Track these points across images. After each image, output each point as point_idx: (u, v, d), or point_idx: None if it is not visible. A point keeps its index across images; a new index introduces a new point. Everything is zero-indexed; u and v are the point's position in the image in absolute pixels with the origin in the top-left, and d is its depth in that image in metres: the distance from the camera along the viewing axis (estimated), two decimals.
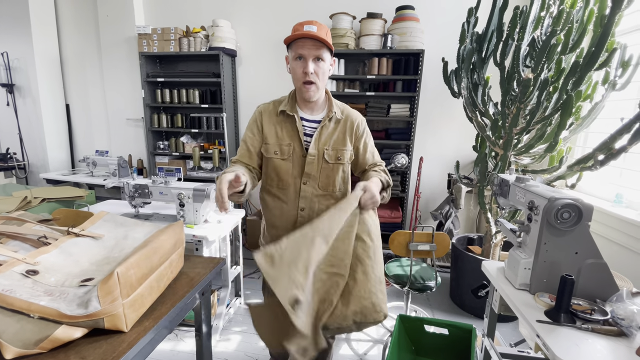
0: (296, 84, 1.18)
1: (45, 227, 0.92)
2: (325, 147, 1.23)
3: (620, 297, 0.98)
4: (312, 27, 1.09)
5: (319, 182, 1.25)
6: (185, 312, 0.92)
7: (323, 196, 1.26)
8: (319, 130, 1.23)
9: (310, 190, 1.24)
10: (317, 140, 1.23)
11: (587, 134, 2.52)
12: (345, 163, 1.27)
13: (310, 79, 1.14)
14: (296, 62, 1.14)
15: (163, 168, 2.07)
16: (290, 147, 1.23)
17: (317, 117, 1.26)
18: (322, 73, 1.16)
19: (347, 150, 1.26)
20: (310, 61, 1.12)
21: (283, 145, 1.23)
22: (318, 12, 3.24)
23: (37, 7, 3.53)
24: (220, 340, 2.08)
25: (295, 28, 1.12)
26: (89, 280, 0.76)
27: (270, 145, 1.24)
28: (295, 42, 1.12)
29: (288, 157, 1.23)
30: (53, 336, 0.62)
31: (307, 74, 1.13)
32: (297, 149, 1.23)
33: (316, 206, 1.26)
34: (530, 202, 1.13)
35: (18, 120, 3.75)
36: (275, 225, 1.31)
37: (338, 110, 1.27)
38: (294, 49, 1.13)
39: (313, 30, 1.09)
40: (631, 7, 1.63)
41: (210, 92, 3.45)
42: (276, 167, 1.25)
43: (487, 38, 2.12)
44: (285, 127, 1.24)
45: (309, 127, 1.25)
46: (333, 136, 1.25)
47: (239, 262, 2.40)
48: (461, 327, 1.46)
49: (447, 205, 3.06)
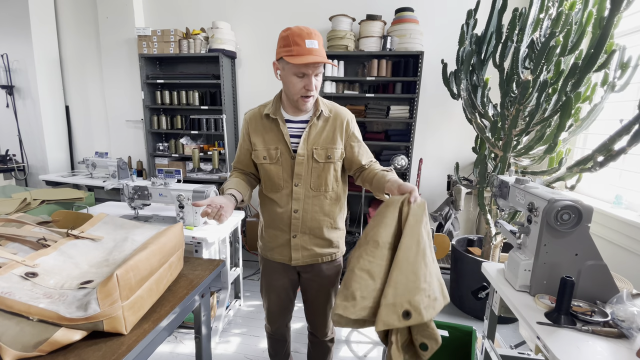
0: (293, 96, 1.16)
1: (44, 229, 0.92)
2: (314, 147, 1.22)
3: (621, 299, 0.98)
4: (314, 44, 1.07)
5: (311, 183, 1.24)
6: (184, 315, 0.92)
7: (316, 197, 1.25)
8: (307, 130, 1.22)
9: (303, 192, 1.24)
10: (306, 140, 1.21)
11: (586, 135, 2.52)
12: (335, 161, 1.25)
13: (312, 94, 1.15)
14: (297, 79, 1.12)
15: (163, 170, 2.07)
16: (278, 151, 1.23)
17: (304, 117, 1.25)
18: (319, 84, 1.17)
19: (337, 149, 1.24)
20: (312, 78, 1.12)
21: (270, 150, 1.23)
22: (317, 14, 3.25)
23: (37, 9, 3.53)
24: (219, 343, 2.07)
25: (295, 41, 1.07)
26: (88, 282, 0.76)
27: (259, 151, 1.24)
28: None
29: (276, 160, 1.23)
30: (52, 339, 0.62)
31: (310, 90, 1.14)
32: (284, 152, 1.23)
33: (310, 207, 1.25)
34: (530, 203, 1.13)
35: (18, 122, 3.75)
36: (272, 227, 1.31)
37: (325, 108, 1.25)
38: (296, 66, 1.09)
39: (315, 47, 1.07)
40: (630, 8, 1.63)
41: (210, 94, 3.45)
42: (267, 171, 1.25)
43: (486, 40, 2.12)
44: (270, 130, 1.24)
45: (295, 127, 1.24)
46: (322, 135, 1.23)
47: (238, 264, 2.40)
48: (461, 329, 1.46)
49: (446, 206, 3.06)
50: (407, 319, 0.91)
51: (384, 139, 3.20)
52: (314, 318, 1.43)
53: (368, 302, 0.94)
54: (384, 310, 0.91)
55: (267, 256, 1.36)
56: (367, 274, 0.96)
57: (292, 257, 1.28)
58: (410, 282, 0.93)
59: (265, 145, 1.24)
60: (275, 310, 1.43)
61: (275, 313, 1.44)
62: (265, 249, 1.36)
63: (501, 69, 2.04)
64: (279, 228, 1.28)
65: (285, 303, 1.42)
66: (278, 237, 1.29)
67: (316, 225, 1.27)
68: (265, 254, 1.36)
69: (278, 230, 1.29)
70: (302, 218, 1.25)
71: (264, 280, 1.42)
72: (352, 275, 0.96)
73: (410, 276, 0.93)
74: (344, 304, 0.95)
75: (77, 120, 4.02)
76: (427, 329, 0.97)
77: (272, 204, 1.28)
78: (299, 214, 1.25)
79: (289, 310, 1.47)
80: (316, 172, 1.23)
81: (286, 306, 1.43)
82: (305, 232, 1.27)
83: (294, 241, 1.27)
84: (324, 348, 1.49)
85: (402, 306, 0.91)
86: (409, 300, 0.92)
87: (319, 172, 1.23)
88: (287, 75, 1.13)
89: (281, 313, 1.44)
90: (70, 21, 3.78)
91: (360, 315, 0.94)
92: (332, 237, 1.31)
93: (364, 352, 2.04)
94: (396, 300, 0.92)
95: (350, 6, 3.19)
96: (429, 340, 0.97)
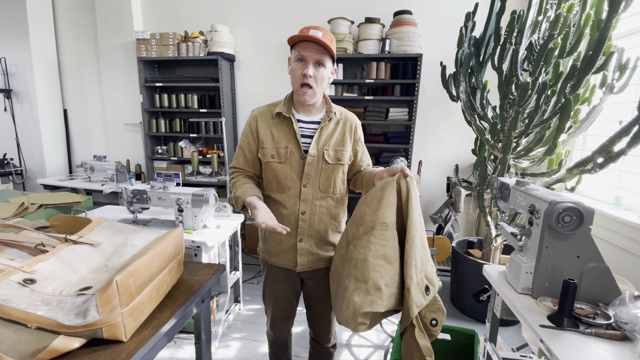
0: (294, 85, 1.18)
1: (42, 235, 0.91)
2: (325, 148, 1.22)
3: (623, 301, 0.98)
4: (318, 33, 1.10)
5: (320, 184, 1.23)
6: (184, 320, 0.91)
7: (323, 198, 1.24)
8: (319, 131, 1.22)
9: (311, 193, 1.23)
10: (317, 140, 1.21)
11: (585, 137, 2.52)
12: (345, 164, 1.26)
13: (308, 82, 1.13)
14: (297, 64, 1.14)
15: (161, 173, 2.06)
16: (288, 150, 1.21)
17: (315, 118, 1.25)
18: (321, 79, 1.15)
19: (346, 151, 1.25)
20: (310, 64, 1.12)
21: (280, 148, 1.22)
22: (316, 17, 3.25)
23: (35, 13, 3.53)
24: (219, 347, 2.06)
25: (302, 31, 1.12)
26: (87, 288, 0.75)
27: (267, 149, 1.23)
28: (299, 44, 1.12)
29: (286, 159, 1.22)
30: (51, 347, 0.61)
31: (306, 77, 1.12)
32: (294, 151, 1.21)
33: (317, 209, 1.24)
34: (531, 205, 1.12)
35: (15, 126, 3.74)
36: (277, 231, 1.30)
37: (337, 111, 1.27)
38: (297, 50, 1.13)
39: (318, 35, 1.09)
40: (628, 10, 1.64)
41: (208, 97, 3.45)
42: (274, 170, 1.23)
43: (485, 42, 2.13)
44: (281, 129, 1.23)
45: (307, 128, 1.24)
46: (333, 137, 1.24)
47: (238, 268, 2.38)
48: (463, 332, 1.45)
49: (446, 208, 3.05)
50: (427, 294, 0.88)
51: (383, 141, 3.20)
52: (318, 324, 1.42)
53: (392, 288, 0.89)
54: (413, 291, 0.87)
55: (272, 262, 1.33)
56: (384, 260, 0.91)
57: (297, 262, 1.26)
58: (423, 256, 0.91)
59: (274, 144, 1.22)
60: (279, 317, 1.41)
61: (278, 320, 1.42)
62: (269, 254, 1.33)
63: (500, 71, 2.04)
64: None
65: (288, 311, 1.40)
66: (283, 242, 1.26)
67: (322, 228, 1.26)
68: (270, 259, 1.33)
69: (284, 234, 1.27)
70: (310, 220, 1.24)
71: (267, 287, 1.40)
72: (367, 265, 0.90)
73: (422, 250, 0.91)
74: (368, 298, 0.88)
75: (75, 124, 4.01)
76: (436, 302, 0.94)
77: (277, 205, 1.25)
78: (306, 215, 1.23)
79: (292, 317, 1.45)
80: (325, 173, 1.23)
81: (289, 313, 1.42)
82: (312, 235, 1.25)
83: (300, 245, 1.25)
84: (326, 354, 1.47)
85: (423, 282, 0.89)
86: (425, 275, 0.89)
87: (328, 174, 1.23)
88: (292, 63, 1.17)
89: (284, 320, 1.43)
90: (68, 25, 3.78)
91: (389, 306, 0.89)
92: (336, 241, 1.30)
93: (365, 356, 2.03)
94: (418, 278, 0.89)
95: (349, 9, 3.20)
96: (437, 314, 0.94)
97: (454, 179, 2.61)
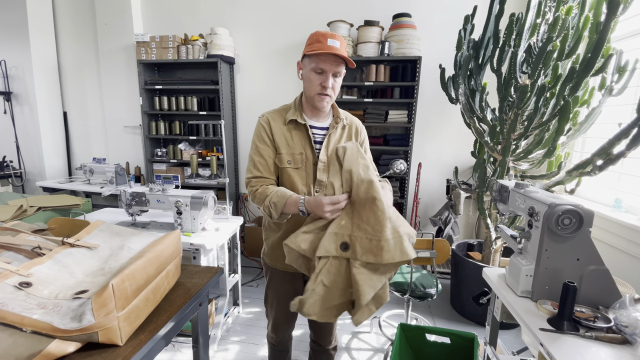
0: (310, 93, 1.19)
1: (39, 238, 0.91)
2: None
3: (623, 304, 0.97)
4: (336, 43, 1.11)
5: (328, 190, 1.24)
6: (182, 324, 0.90)
7: None
8: (328, 137, 1.24)
9: None
10: (327, 147, 1.24)
11: (584, 139, 2.52)
12: None
13: (328, 92, 1.16)
14: (315, 75, 1.15)
15: (161, 175, 2.06)
16: (303, 156, 1.22)
17: (324, 124, 1.27)
18: (337, 87, 1.19)
19: None
20: (330, 76, 1.14)
21: (295, 154, 1.23)
22: (316, 19, 3.26)
23: (36, 15, 3.54)
24: (218, 351, 2.05)
25: (318, 39, 1.12)
26: (83, 292, 0.74)
27: (283, 155, 1.23)
28: (317, 55, 1.13)
29: (301, 165, 1.23)
30: (46, 351, 0.61)
31: (326, 88, 1.15)
32: (309, 157, 1.23)
33: None
34: (530, 208, 1.12)
35: (15, 128, 3.74)
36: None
37: (344, 116, 1.30)
38: (315, 61, 1.13)
39: (336, 46, 1.10)
40: (626, 13, 1.65)
41: (208, 99, 3.45)
42: (290, 176, 1.23)
43: (484, 45, 2.13)
44: (295, 135, 1.23)
45: (318, 134, 1.26)
46: (341, 142, 1.26)
47: (237, 270, 2.37)
48: (463, 335, 1.44)
49: (446, 211, 3.05)
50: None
51: (382, 144, 3.20)
52: (320, 326, 1.41)
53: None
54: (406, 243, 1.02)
55: (277, 266, 1.32)
56: None
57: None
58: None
59: (290, 150, 1.23)
60: (281, 320, 1.40)
61: (281, 324, 1.41)
62: (276, 260, 1.31)
63: (499, 74, 2.05)
64: None
65: (291, 314, 1.39)
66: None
67: None
68: (275, 264, 1.32)
69: None
70: None
71: (270, 291, 1.39)
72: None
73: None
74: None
75: (75, 126, 4.01)
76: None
77: None
78: None
79: (294, 320, 1.44)
80: None
81: (292, 317, 1.41)
82: None
83: None
84: (327, 356, 1.47)
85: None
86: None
87: None
88: (307, 72, 1.17)
89: (286, 323, 1.42)
90: (68, 27, 3.79)
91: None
92: None
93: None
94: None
95: (348, 12, 3.21)
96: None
97: (454, 181, 2.61)
